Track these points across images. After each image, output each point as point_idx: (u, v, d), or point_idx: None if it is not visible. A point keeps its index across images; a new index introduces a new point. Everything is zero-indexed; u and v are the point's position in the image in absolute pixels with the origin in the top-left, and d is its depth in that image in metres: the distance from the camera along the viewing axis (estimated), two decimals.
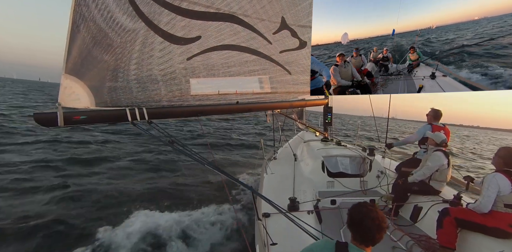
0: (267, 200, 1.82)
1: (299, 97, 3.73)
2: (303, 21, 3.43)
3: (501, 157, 2.14)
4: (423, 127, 3.39)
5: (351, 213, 1.19)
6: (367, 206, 1.17)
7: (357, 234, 1.16)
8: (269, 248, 1.80)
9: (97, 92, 1.97)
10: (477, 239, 2.10)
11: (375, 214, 1.12)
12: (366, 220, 1.11)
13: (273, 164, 3.89)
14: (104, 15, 1.88)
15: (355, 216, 1.16)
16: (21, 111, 15.13)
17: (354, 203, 1.23)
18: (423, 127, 3.39)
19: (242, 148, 10.76)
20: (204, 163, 2.03)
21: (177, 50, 2.35)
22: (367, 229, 1.11)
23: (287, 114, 5.08)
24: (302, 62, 3.58)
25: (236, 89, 2.88)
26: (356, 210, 1.18)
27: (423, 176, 2.85)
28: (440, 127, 3.30)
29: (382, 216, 1.14)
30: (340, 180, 3.44)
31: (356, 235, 1.16)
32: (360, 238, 1.15)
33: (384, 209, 3.02)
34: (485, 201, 2.05)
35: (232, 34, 2.73)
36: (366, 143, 13.14)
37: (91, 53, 1.88)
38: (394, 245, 2.31)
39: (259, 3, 2.86)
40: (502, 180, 2.01)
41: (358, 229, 1.15)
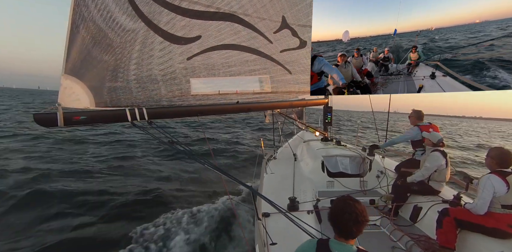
0: (267, 200, 1.83)
1: (299, 97, 3.72)
2: (303, 20, 3.42)
3: (493, 157, 2.12)
4: (412, 130, 3.38)
5: (331, 207, 1.23)
6: (346, 200, 1.20)
7: (336, 228, 1.19)
8: (269, 248, 1.80)
9: (96, 93, 1.96)
10: (476, 239, 2.10)
11: (352, 208, 1.15)
12: (343, 214, 1.15)
13: (273, 164, 3.89)
14: (104, 15, 1.87)
15: (333, 210, 1.20)
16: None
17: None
18: (412, 130, 3.38)
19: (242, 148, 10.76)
20: (204, 163, 2.03)
21: (177, 50, 2.34)
22: (344, 222, 1.14)
23: (287, 114, 5.07)
24: (303, 62, 3.57)
25: (237, 89, 2.87)
26: (335, 205, 1.21)
27: (422, 177, 2.85)
28: (427, 126, 3.30)
29: (360, 210, 1.16)
30: (340, 180, 3.44)
31: (335, 228, 1.20)
32: (339, 231, 1.18)
33: (384, 209, 3.03)
34: (481, 203, 2.04)
35: (233, 33, 2.72)
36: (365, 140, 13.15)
37: (91, 53, 1.87)
38: (393, 245, 2.32)
39: (259, 2, 2.85)
40: (497, 181, 2.00)
41: (335, 223, 1.18)
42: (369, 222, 2.73)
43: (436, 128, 3.33)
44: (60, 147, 8.82)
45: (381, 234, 2.55)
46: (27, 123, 12.78)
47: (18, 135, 10.19)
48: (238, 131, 16.11)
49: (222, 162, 7.87)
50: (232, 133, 14.82)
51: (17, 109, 21.84)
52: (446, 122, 66.24)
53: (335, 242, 1.18)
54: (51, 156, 7.48)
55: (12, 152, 7.68)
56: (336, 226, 1.18)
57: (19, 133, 10.55)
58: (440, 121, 72.38)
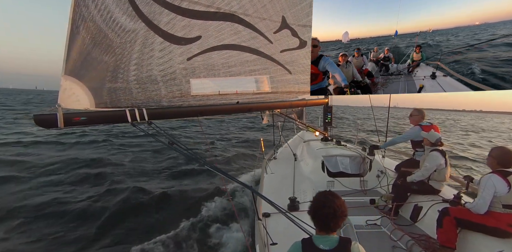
0: (267, 200, 1.82)
1: (299, 97, 3.72)
2: (303, 20, 3.42)
3: (494, 157, 2.11)
4: (413, 129, 3.35)
5: (312, 202, 1.26)
6: (326, 195, 1.24)
7: (315, 222, 1.24)
8: (269, 248, 1.80)
9: (97, 93, 1.96)
10: (477, 238, 2.10)
11: (331, 203, 1.18)
12: (322, 208, 1.18)
13: (273, 164, 3.89)
14: (104, 15, 1.87)
15: (313, 205, 1.24)
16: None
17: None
18: (413, 129, 3.35)
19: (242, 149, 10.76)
20: (204, 164, 2.02)
21: (177, 50, 2.34)
22: (323, 217, 1.18)
23: (287, 114, 5.07)
24: (302, 62, 3.57)
25: (237, 89, 2.87)
26: (315, 199, 1.25)
27: (422, 177, 2.86)
28: (429, 126, 3.28)
29: (339, 204, 1.19)
30: (340, 180, 3.45)
31: (315, 223, 1.24)
32: (318, 225, 1.23)
33: (384, 208, 3.03)
34: (481, 202, 2.04)
35: (233, 33, 2.71)
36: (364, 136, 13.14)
37: (91, 54, 1.86)
38: (394, 244, 2.32)
39: (260, 2, 2.84)
40: (498, 181, 2.00)
41: (314, 217, 1.22)
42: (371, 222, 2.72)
43: (437, 128, 3.31)
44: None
45: (381, 233, 2.55)
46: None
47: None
48: (238, 131, 16.11)
49: (222, 162, 7.86)
50: (232, 133, 14.82)
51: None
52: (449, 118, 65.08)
53: (318, 237, 1.22)
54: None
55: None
56: (315, 220, 1.23)
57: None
58: (444, 116, 71.43)
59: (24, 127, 12.37)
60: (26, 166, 6.60)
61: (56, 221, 4.05)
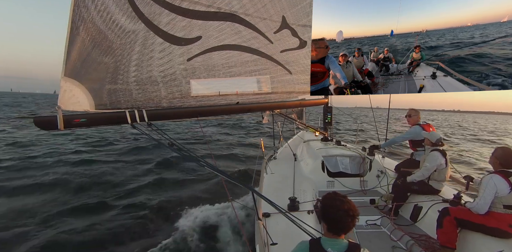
0: (267, 200, 1.82)
1: (300, 97, 3.71)
2: (303, 20, 3.41)
3: (497, 157, 2.11)
4: (414, 129, 3.38)
5: (322, 206, 1.24)
6: (336, 197, 1.22)
7: (330, 225, 1.20)
8: (269, 248, 1.81)
9: (96, 95, 1.95)
10: (477, 238, 2.11)
11: (346, 204, 1.17)
12: (337, 211, 1.16)
13: (273, 164, 3.89)
14: (104, 16, 1.85)
15: (326, 208, 1.21)
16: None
17: (324, 195, 1.27)
18: (414, 129, 3.38)
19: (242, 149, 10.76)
20: (204, 165, 2.02)
21: (177, 51, 2.32)
22: (340, 218, 1.16)
23: (286, 114, 5.07)
24: (303, 62, 3.56)
25: (237, 89, 2.86)
26: (326, 203, 1.22)
27: (422, 177, 2.86)
28: (427, 125, 3.33)
29: (352, 205, 1.19)
30: (340, 180, 3.45)
31: (329, 226, 1.21)
32: (333, 228, 1.20)
33: (384, 208, 3.04)
34: (482, 202, 2.05)
35: (233, 33, 2.70)
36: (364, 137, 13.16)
37: (91, 55, 1.85)
38: (394, 244, 2.33)
39: (260, 1, 2.82)
40: (500, 181, 2.00)
41: (330, 220, 1.20)
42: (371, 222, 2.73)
43: (433, 127, 3.35)
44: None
45: (381, 233, 2.56)
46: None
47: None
48: (238, 132, 16.10)
49: (222, 163, 7.87)
50: (232, 134, 14.81)
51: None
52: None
53: (326, 239, 1.21)
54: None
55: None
56: (331, 223, 1.20)
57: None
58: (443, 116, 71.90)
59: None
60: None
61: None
